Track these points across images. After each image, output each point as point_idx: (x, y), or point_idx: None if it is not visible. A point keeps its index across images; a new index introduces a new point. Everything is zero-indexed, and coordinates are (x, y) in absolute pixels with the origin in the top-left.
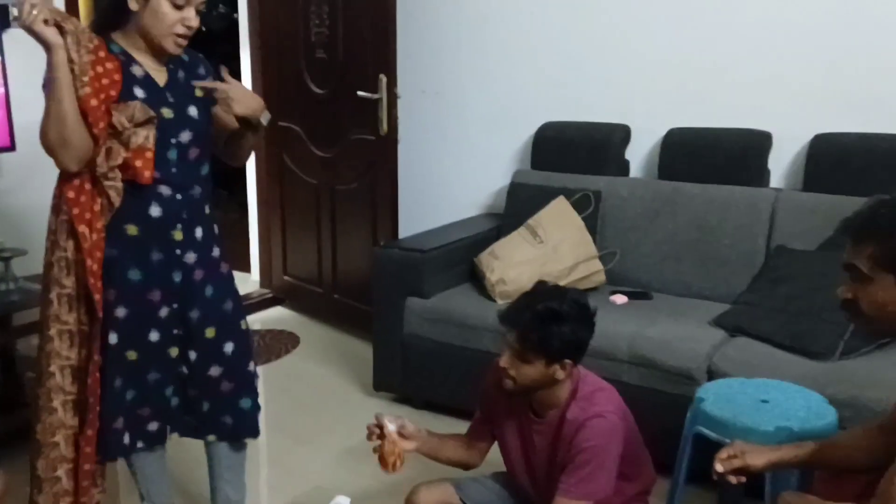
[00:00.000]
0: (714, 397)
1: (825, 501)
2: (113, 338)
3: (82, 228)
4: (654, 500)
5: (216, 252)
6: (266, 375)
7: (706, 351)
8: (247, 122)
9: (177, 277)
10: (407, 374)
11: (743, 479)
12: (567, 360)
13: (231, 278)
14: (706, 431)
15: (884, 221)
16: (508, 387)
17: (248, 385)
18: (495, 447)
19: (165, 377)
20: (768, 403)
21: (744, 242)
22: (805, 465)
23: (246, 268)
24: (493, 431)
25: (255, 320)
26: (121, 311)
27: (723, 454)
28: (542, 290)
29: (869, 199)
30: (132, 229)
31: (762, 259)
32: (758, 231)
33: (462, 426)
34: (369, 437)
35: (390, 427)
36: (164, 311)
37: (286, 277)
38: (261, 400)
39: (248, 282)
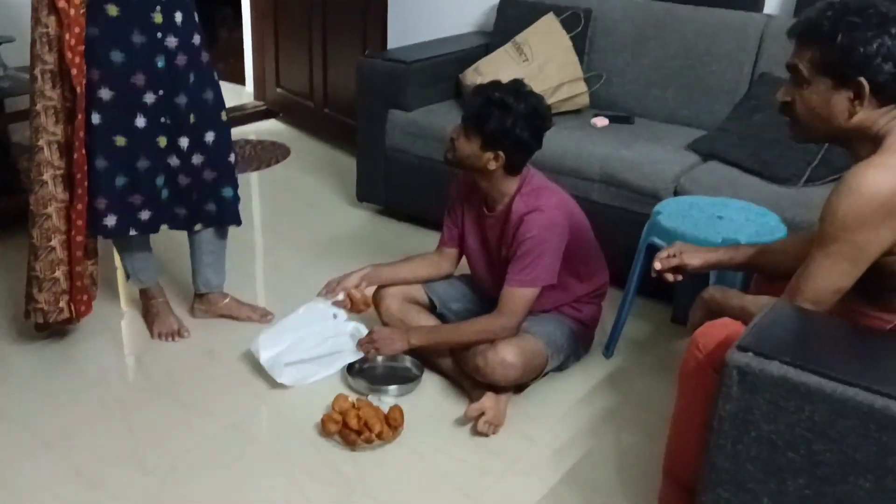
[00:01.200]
0: (671, 211)
1: (745, 294)
2: (96, 118)
3: (62, 4)
4: (609, 310)
5: (196, 39)
6: (256, 182)
7: (675, 173)
8: None
9: (160, 62)
10: (389, 186)
11: (679, 277)
12: (500, 153)
13: (211, 68)
14: (659, 242)
15: (828, 25)
16: (449, 157)
17: (229, 174)
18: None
19: (155, 166)
20: (723, 219)
21: (730, 69)
22: (740, 268)
23: (241, 80)
24: (460, 233)
25: (249, 131)
26: (105, 93)
27: (662, 254)
28: (512, 84)
29: (818, 3)
30: (112, 9)
31: (746, 88)
32: (744, 58)
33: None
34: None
35: (340, 297)
36: (149, 98)
37: (279, 90)
38: (252, 203)
39: (243, 94)
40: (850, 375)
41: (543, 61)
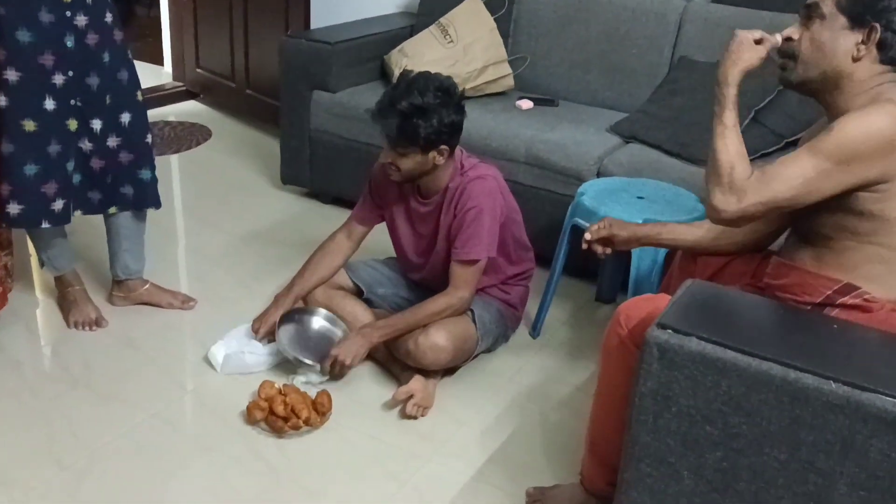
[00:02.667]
0: (594, 192)
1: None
2: (3, 101)
3: None
4: (535, 291)
5: (108, 17)
6: (177, 165)
7: (598, 154)
8: None
9: (69, 41)
10: (314, 168)
11: (608, 250)
12: (443, 147)
13: (125, 47)
14: (582, 223)
15: None
16: (396, 178)
17: (146, 156)
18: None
19: (66, 150)
20: (644, 199)
21: (650, 53)
22: (665, 243)
23: (159, 60)
24: (384, 216)
25: (168, 112)
26: (12, 75)
27: (593, 226)
28: (406, 83)
29: None
30: None
31: (666, 71)
32: (664, 42)
33: None
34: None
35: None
36: (58, 79)
37: (199, 70)
38: (172, 187)
39: (161, 74)
40: (764, 350)
41: (468, 43)
